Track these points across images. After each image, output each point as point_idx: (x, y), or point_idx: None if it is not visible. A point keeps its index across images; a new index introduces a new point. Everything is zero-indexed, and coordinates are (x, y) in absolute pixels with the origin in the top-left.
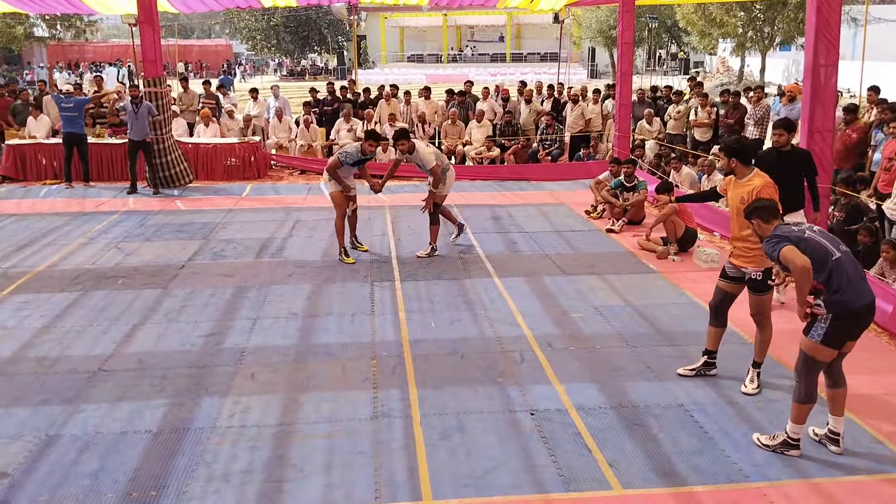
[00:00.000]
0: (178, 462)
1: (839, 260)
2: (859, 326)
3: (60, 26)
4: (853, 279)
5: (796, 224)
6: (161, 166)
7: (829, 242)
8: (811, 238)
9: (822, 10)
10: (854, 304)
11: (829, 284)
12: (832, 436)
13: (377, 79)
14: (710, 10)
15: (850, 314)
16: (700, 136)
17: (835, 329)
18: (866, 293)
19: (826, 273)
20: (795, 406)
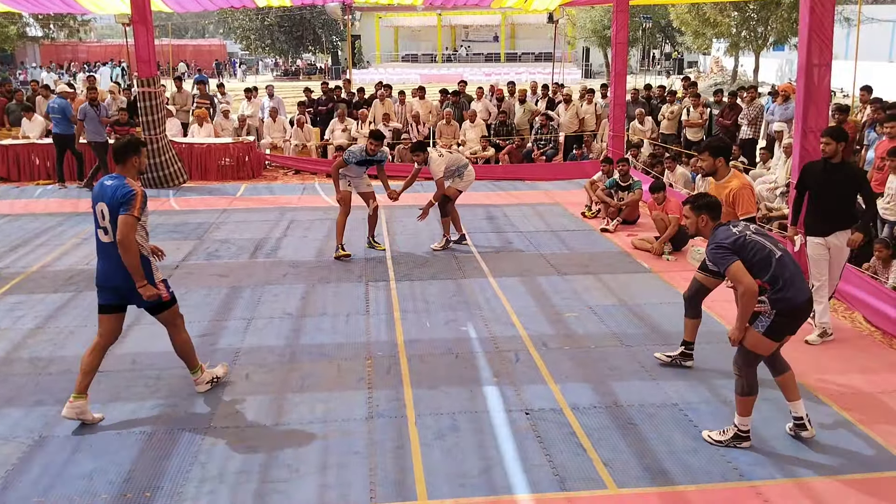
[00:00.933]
0: (172, 462)
1: (781, 258)
2: (799, 321)
3: (54, 26)
4: (794, 277)
5: (734, 225)
6: (155, 166)
7: (769, 242)
8: (752, 240)
9: (815, 9)
10: (796, 300)
11: (774, 283)
12: (797, 422)
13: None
14: (703, 9)
15: (793, 310)
16: (692, 136)
17: (778, 324)
18: (805, 290)
19: (770, 272)
20: (739, 400)
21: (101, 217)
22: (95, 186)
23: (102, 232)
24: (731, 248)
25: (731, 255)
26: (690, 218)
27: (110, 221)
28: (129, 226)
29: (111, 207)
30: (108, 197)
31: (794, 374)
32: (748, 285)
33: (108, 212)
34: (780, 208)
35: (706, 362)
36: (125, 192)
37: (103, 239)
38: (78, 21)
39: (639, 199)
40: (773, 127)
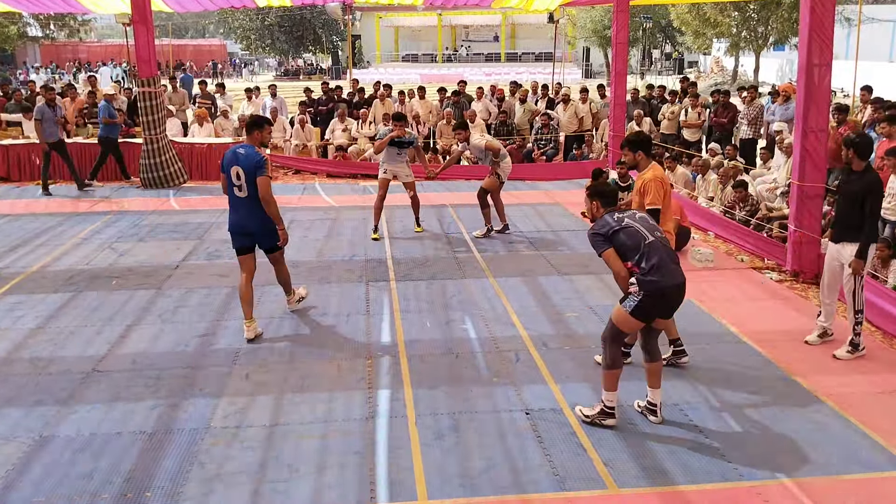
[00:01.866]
0: (172, 463)
1: (652, 244)
2: (668, 305)
3: (54, 26)
4: (664, 263)
5: (619, 212)
6: (155, 166)
7: (645, 229)
8: (629, 225)
9: (815, 9)
10: (662, 283)
11: (642, 266)
12: (650, 407)
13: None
14: (704, 9)
15: (659, 292)
16: (690, 137)
17: (644, 304)
18: (676, 276)
19: (639, 256)
20: (604, 374)
21: (236, 178)
22: (228, 153)
23: (237, 189)
24: (605, 235)
25: (605, 243)
26: (586, 203)
27: (246, 181)
28: (268, 185)
29: (247, 170)
30: (244, 162)
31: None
32: (617, 270)
33: (245, 173)
34: (781, 208)
35: (706, 362)
36: (259, 159)
37: (238, 195)
38: (78, 21)
39: None
40: (773, 127)
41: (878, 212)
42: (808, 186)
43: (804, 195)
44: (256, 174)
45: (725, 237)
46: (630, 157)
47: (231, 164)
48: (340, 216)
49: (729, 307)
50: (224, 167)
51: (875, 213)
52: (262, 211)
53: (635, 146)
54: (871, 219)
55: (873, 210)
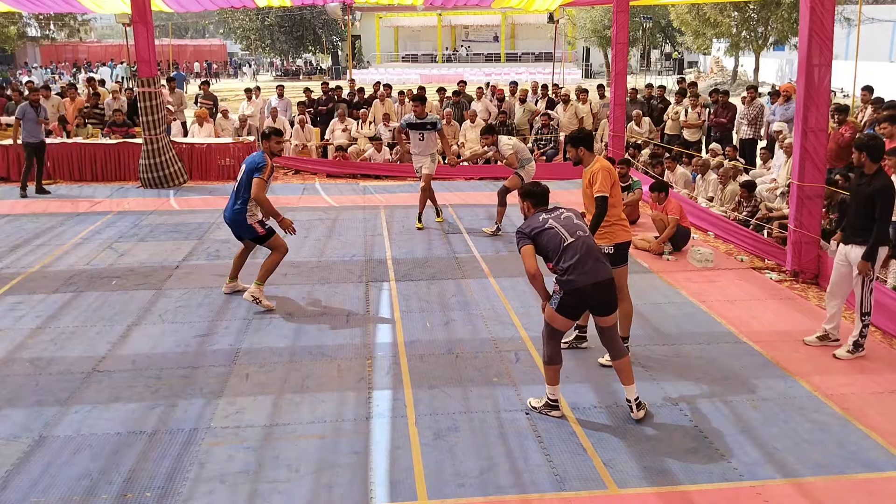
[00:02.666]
0: (172, 463)
1: (570, 245)
2: (586, 302)
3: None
4: (581, 263)
5: (551, 210)
6: (155, 166)
7: (566, 230)
8: (551, 227)
9: (815, 10)
10: (578, 283)
11: (560, 266)
12: (629, 403)
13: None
14: (703, 9)
15: (575, 291)
16: (689, 137)
17: (565, 303)
18: (593, 275)
19: (557, 257)
20: (544, 369)
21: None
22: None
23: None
24: (527, 234)
25: (525, 239)
26: (520, 203)
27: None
28: (259, 186)
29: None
30: (248, 162)
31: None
32: (528, 267)
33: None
34: (780, 208)
35: (706, 362)
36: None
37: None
38: (78, 21)
39: (638, 199)
40: (773, 127)
41: (890, 215)
42: (808, 186)
43: (804, 195)
44: (253, 175)
45: (725, 237)
46: (573, 153)
47: (241, 165)
48: (340, 216)
49: (729, 307)
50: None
51: (885, 216)
52: (236, 207)
53: (576, 143)
54: (881, 221)
55: (884, 213)
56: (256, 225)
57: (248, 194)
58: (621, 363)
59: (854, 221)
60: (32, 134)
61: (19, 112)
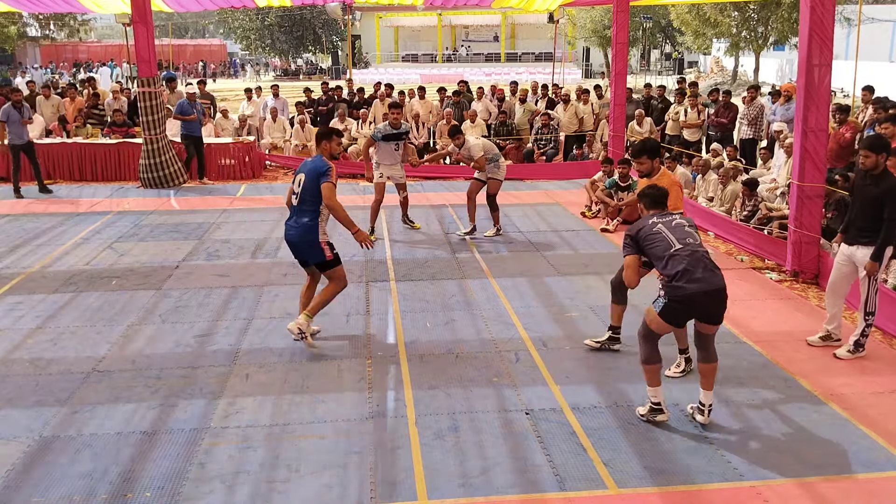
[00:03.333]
0: (172, 463)
1: (679, 251)
2: (693, 311)
3: (54, 26)
4: (690, 270)
5: (664, 215)
6: (155, 166)
7: (674, 237)
8: (658, 232)
9: (815, 9)
10: (687, 290)
11: (667, 273)
12: (700, 407)
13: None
14: (704, 9)
15: (683, 299)
16: (689, 137)
17: (669, 308)
18: (705, 283)
19: (664, 263)
20: (643, 369)
21: (297, 186)
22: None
23: (295, 198)
24: (634, 237)
25: (632, 247)
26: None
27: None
28: (331, 190)
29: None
30: (307, 169)
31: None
32: (628, 277)
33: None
34: (780, 208)
35: None
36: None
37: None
38: (78, 21)
39: None
40: (773, 127)
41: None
42: (808, 186)
43: (804, 195)
44: (320, 181)
45: (725, 237)
46: (648, 165)
47: (296, 174)
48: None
49: (729, 307)
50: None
51: (894, 217)
52: (305, 223)
53: (654, 154)
54: (891, 222)
55: (893, 214)
56: (326, 247)
57: (317, 205)
58: (709, 367)
59: (859, 222)
60: (18, 135)
61: (2, 115)
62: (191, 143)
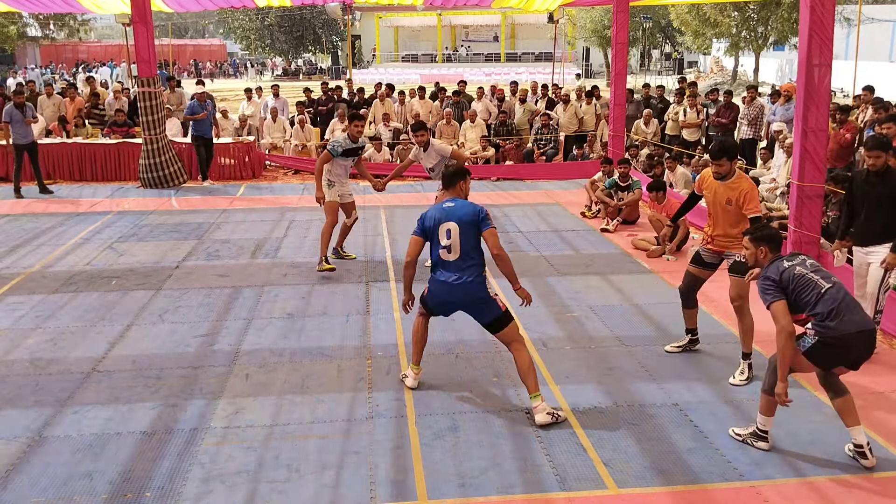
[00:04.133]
0: (172, 463)
1: (827, 292)
2: (847, 353)
3: (53, 26)
4: (842, 309)
5: (792, 257)
6: (155, 166)
7: (821, 277)
8: (802, 276)
9: (815, 9)
10: (840, 330)
11: (817, 313)
12: (857, 449)
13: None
14: (703, 9)
15: (837, 340)
16: (689, 137)
17: (817, 350)
18: (859, 322)
19: (814, 308)
20: (762, 396)
21: (445, 237)
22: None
23: (446, 251)
24: (779, 284)
25: (777, 292)
26: (750, 249)
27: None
28: (497, 238)
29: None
30: (458, 215)
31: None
32: (784, 326)
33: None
34: (780, 208)
35: (706, 363)
36: (480, 210)
37: (447, 257)
38: (78, 21)
39: (638, 199)
40: (773, 127)
41: None
42: (808, 186)
43: (804, 195)
44: (480, 228)
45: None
46: (727, 167)
47: (439, 222)
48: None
49: (729, 307)
50: (426, 227)
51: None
52: (473, 280)
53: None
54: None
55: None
56: (499, 299)
57: (480, 256)
58: (843, 402)
59: (871, 222)
60: (22, 135)
61: (6, 116)
62: (200, 143)
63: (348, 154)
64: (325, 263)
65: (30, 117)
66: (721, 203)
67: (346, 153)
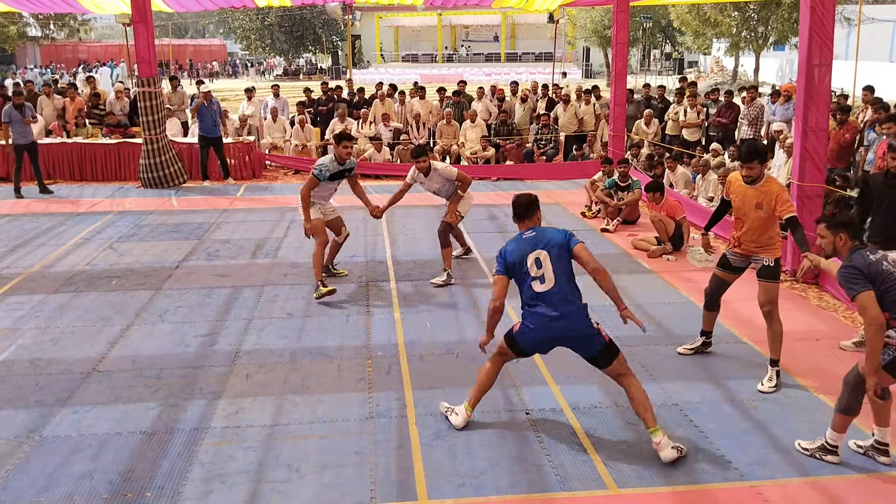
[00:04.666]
0: (172, 463)
1: None
2: None
3: (54, 26)
4: None
5: (874, 252)
6: (155, 166)
7: None
8: (887, 271)
9: (815, 9)
10: None
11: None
12: (878, 447)
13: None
14: (704, 9)
15: None
16: (689, 137)
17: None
18: None
19: None
20: (836, 415)
21: (535, 267)
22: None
23: (538, 283)
24: (866, 272)
25: (865, 282)
26: (826, 237)
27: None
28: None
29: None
30: (546, 242)
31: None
32: (875, 317)
33: (550, 255)
34: None
35: (706, 363)
36: (564, 231)
37: (539, 289)
38: (78, 21)
39: (638, 198)
40: (773, 127)
41: None
42: (808, 186)
43: (804, 195)
44: (570, 246)
45: (725, 237)
46: (758, 170)
47: (524, 255)
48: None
49: (729, 307)
50: (509, 264)
51: None
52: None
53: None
54: None
55: None
56: (602, 329)
57: (574, 282)
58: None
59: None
60: (22, 135)
61: (5, 116)
62: (206, 144)
63: (335, 177)
64: (323, 287)
65: (29, 117)
66: (751, 207)
67: (333, 177)
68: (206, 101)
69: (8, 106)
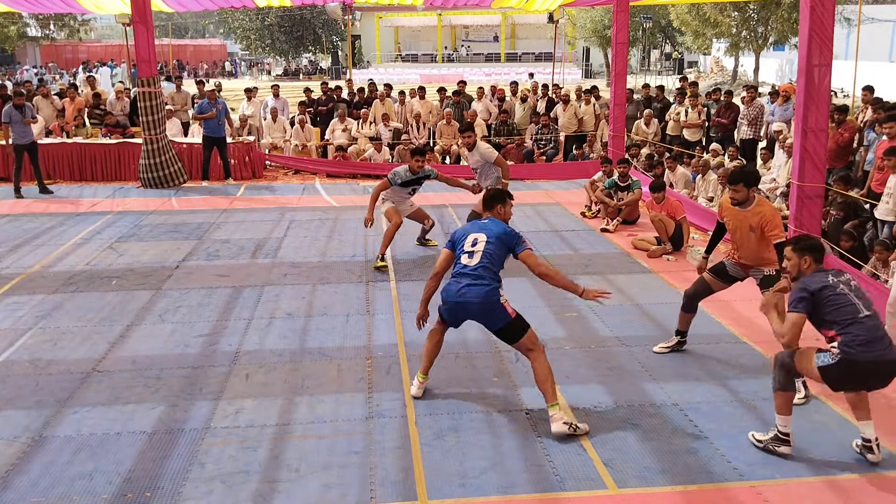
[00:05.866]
0: (172, 463)
1: (865, 319)
2: (869, 380)
3: (54, 26)
4: (873, 340)
5: (837, 273)
6: (155, 166)
7: (861, 303)
8: (844, 295)
9: (815, 9)
10: (860, 358)
11: (846, 335)
12: (865, 444)
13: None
14: (703, 9)
15: (852, 366)
16: (690, 137)
17: (834, 371)
18: (882, 354)
19: (845, 328)
20: (776, 395)
21: (470, 244)
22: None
23: (466, 256)
24: (815, 296)
25: (805, 305)
26: (792, 259)
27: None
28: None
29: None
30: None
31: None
32: (789, 341)
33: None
34: (781, 209)
35: (706, 362)
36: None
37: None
38: (78, 21)
39: (638, 198)
40: (772, 127)
41: None
42: (808, 186)
43: (804, 195)
44: (515, 251)
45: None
46: (744, 193)
47: (468, 233)
48: (340, 216)
49: (729, 307)
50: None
51: None
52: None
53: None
54: None
55: None
56: (508, 305)
57: (497, 272)
58: (857, 395)
59: None
60: (22, 135)
61: (5, 116)
62: (209, 144)
63: (407, 184)
64: (381, 261)
65: (29, 117)
66: (744, 230)
67: (405, 184)
68: (210, 100)
69: (8, 106)
